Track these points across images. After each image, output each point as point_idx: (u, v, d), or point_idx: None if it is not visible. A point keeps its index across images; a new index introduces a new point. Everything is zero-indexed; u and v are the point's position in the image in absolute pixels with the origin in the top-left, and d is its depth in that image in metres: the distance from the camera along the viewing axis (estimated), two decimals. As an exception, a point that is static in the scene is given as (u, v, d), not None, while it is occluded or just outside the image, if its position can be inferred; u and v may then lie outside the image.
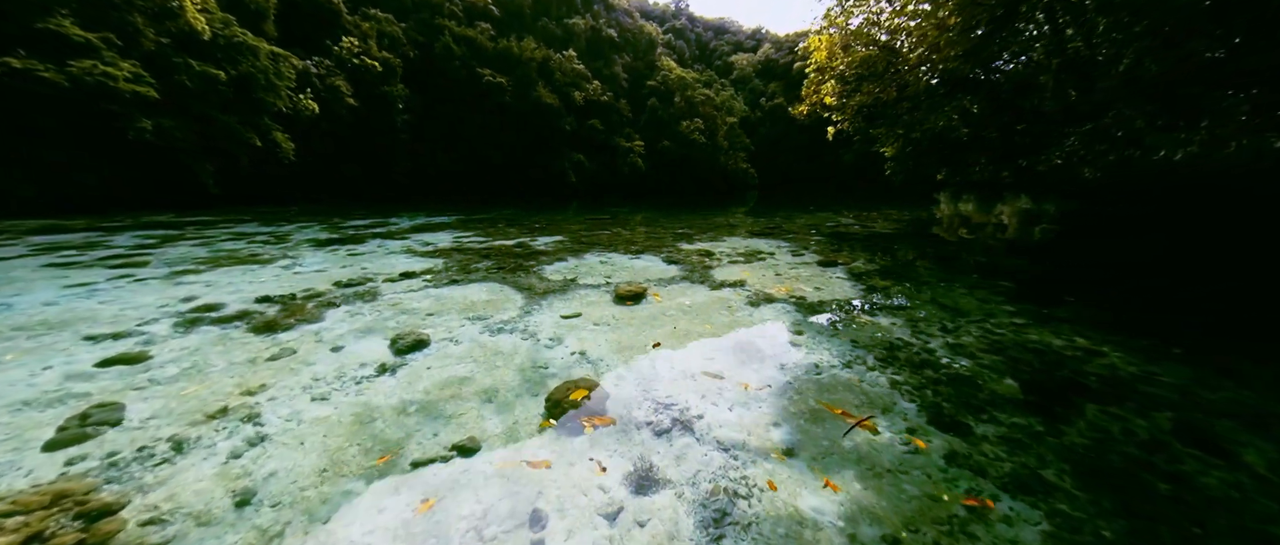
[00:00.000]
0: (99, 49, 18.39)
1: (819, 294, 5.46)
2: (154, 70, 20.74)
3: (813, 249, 8.46)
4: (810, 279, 6.22)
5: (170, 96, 21.32)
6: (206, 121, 23.22)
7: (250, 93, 26.92)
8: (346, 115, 35.48)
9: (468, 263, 7.08)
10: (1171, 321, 4.51)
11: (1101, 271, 6.49)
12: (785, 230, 11.35)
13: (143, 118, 19.52)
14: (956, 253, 8.09)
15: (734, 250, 8.42)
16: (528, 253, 7.98)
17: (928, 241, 9.35)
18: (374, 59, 37.85)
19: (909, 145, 13.24)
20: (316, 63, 33.80)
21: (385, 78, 38.67)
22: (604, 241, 9.39)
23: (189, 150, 22.12)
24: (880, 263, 7.27)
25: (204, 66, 22.28)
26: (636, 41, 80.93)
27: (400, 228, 12.08)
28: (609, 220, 14.47)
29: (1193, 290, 5.63)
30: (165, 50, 21.24)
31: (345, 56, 35.59)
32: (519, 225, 12.86)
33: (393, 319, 4.44)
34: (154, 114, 20.23)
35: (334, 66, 34.94)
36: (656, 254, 7.91)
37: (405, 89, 41.36)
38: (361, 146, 38.40)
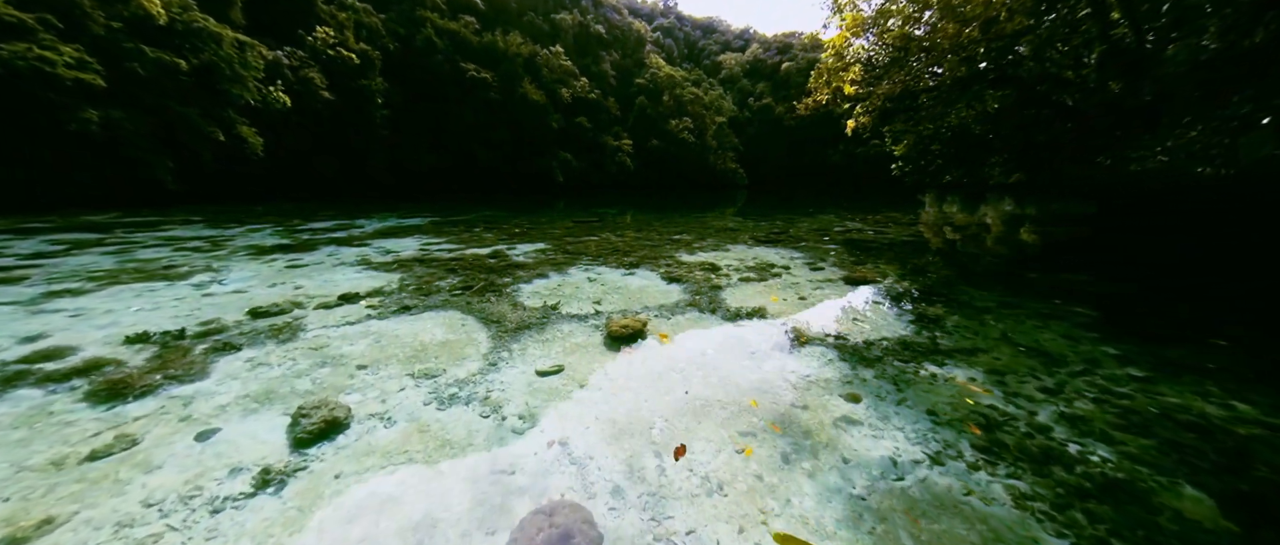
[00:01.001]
0: (35, 31, 16.72)
1: (860, 329, 4.38)
2: (103, 57, 19.07)
3: (832, 261, 7.41)
4: (843, 305, 5.15)
5: (120, 85, 19.65)
6: (163, 113, 21.54)
7: (214, 83, 25.25)
8: (322, 109, 33.81)
9: (429, 281, 5.88)
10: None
11: (1153, 278, 5.56)
12: (793, 237, 10.31)
13: (87, 108, 17.87)
14: (996, 266, 7.11)
15: (742, 263, 7.34)
16: (503, 265, 6.81)
17: (953, 249, 8.35)
18: (351, 51, 36.18)
19: (920, 143, 12.32)
20: (288, 53, 32.10)
21: (363, 71, 37.01)
22: (592, 250, 8.25)
23: (141, 144, 20.43)
24: (916, 280, 6.24)
25: (159, 53, 20.61)
26: (625, 38, 79.67)
27: (364, 231, 10.81)
28: (597, 223, 13.33)
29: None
30: (116, 35, 19.56)
31: (320, 47, 33.89)
32: (498, 228, 11.67)
33: (307, 375, 3.26)
34: (101, 104, 18.58)
35: (308, 58, 33.25)
36: (653, 267, 6.79)
37: (385, 83, 39.72)
38: (338, 142, 36.72)
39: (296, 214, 16.03)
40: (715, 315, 4.68)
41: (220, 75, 24.87)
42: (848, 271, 6.69)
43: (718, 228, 12.38)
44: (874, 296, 5.49)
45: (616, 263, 7.09)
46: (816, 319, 4.62)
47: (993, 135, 9.90)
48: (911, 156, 12.32)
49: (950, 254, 8.08)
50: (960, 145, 11.36)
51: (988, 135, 10.06)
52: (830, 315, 4.76)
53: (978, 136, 10.97)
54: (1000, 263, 7.26)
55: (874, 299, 5.38)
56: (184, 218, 14.13)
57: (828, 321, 4.56)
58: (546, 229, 11.79)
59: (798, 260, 7.66)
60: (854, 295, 5.55)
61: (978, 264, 7.22)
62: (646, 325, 4.22)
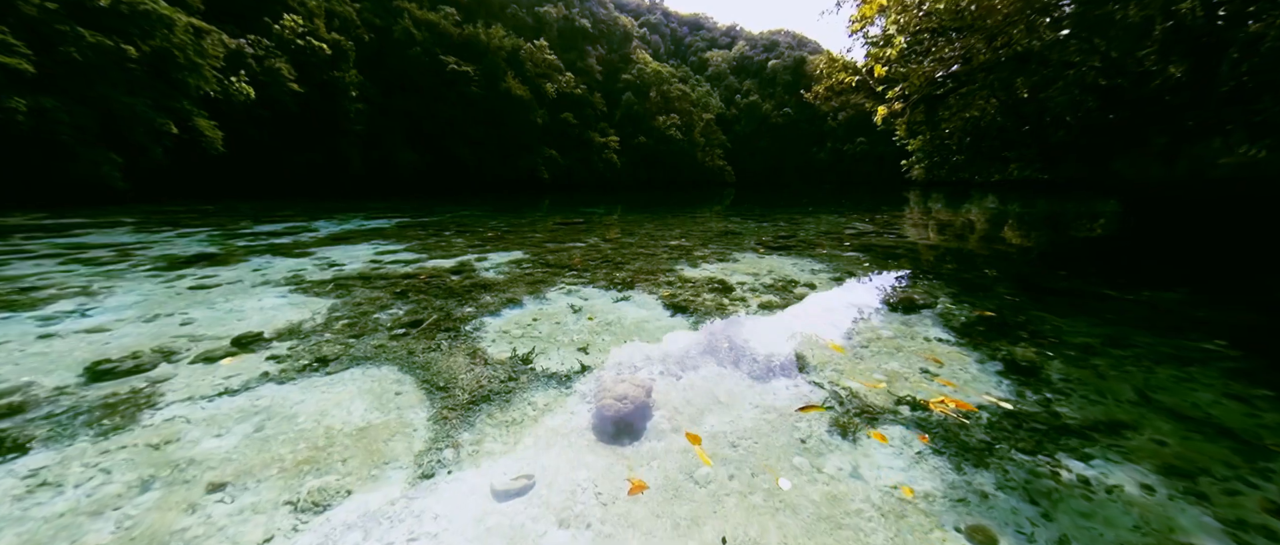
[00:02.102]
0: (-53, 9, 14.89)
1: (940, 388, 3.21)
2: (33, 40, 17.22)
3: (865, 278, 6.25)
4: (903, 348, 3.98)
5: (54, 72, 17.80)
6: (105, 104, 19.69)
7: (167, 72, 23.37)
8: (290, 102, 31.93)
9: (366, 312, 4.57)
10: None
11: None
12: (805, 242, 9.16)
13: (13, 96, 16.05)
14: (1052, 277, 6.02)
15: (757, 278, 6.14)
16: (467, 285, 5.52)
17: (984, 254, 7.28)
18: (322, 41, 34.31)
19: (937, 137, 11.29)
20: (253, 42, 30.19)
21: (335, 62, 35.15)
22: (578, 262, 6.99)
23: (78, 137, 18.59)
24: (975, 301, 5.10)
25: (100, 38, 18.77)
26: (611, 33, 78.16)
27: (315, 237, 9.40)
28: (583, 226, 12.05)
29: None
30: (49, 16, 17.69)
31: (288, 37, 32.00)
32: (472, 232, 10.34)
33: (114, 509, 1.97)
34: (30, 92, 16.75)
35: (274, 47, 31.35)
36: (652, 287, 5.56)
37: (359, 76, 37.83)
38: (309, 137, 34.81)
39: (250, 214, 14.46)
40: (741, 370, 3.46)
41: (173, 63, 23.01)
42: (887, 291, 5.53)
43: (717, 230, 11.19)
44: (936, 330, 4.33)
45: (606, 280, 5.84)
46: (875, 372, 3.44)
47: (1028, 126, 8.85)
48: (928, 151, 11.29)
49: (992, 260, 6.97)
50: (982, 139, 10.33)
51: (1022, 126, 9.01)
52: (891, 366, 3.58)
53: (1001, 129, 9.93)
54: (1046, 269, 6.17)
55: (938, 335, 4.22)
56: (115, 219, 12.52)
57: (892, 378, 3.38)
58: (526, 232, 10.48)
59: (821, 273, 6.49)
60: (912, 328, 4.39)
61: (1016, 268, 6.11)
62: (652, 393, 3.00)
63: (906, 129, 11.34)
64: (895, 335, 4.23)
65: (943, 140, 11.17)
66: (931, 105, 7.13)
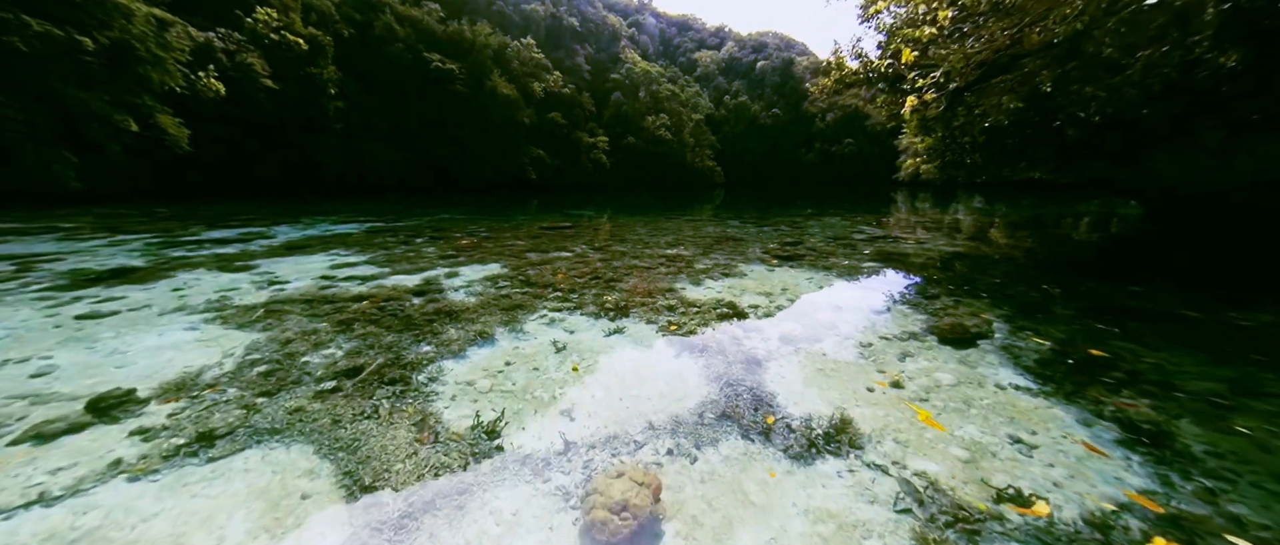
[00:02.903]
0: None
1: (1043, 472, 2.36)
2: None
3: (901, 299, 5.40)
4: (973, 401, 3.13)
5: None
6: (55, 99, 18.33)
7: (127, 65, 21.99)
8: (263, 99, 30.56)
9: (294, 354, 3.62)
10: None
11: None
12: (814, 251, 8.32)
13: (-55, 89, 14.69)
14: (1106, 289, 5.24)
15: (771, 300, 5.28)
16: (429, 313, 4.57)
17: (1017, 258, 6.49)
18: (298, 36, 32.93)
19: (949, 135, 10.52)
20: (223, 36, 28.79)
21: (312, 58, 33.77)
22: (562, 279, 6.07)
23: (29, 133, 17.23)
24: (1036, 328, 4.27)
25: (48, 27, 17.42)
26: (599, 32, 77.14)
27: (268, 246, 8.35)
28: (570, 230, 11.11)
29: None
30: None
31: (261, 31, 30.61)
32: (447, 238, 9.36)
33: None
34: (-34, 85, 15.40)
35: (246, 42, 29.96)
36: (650, 314, 4.66)
37: (338, 72, 36.45)
38: (284, 136, 33.40)
39: (208, 218, 13.30)
40: (774, 444, 2.57)
41: (134, 56, 21.63)
42: (928, 314, 4.69)
43: (716, 237, 10.32)
44: (1007, 372, 3.49)
45: (595, 303, 4.92)
46: (950, 444, 2.58)
47: (1059, 121, 8.08)
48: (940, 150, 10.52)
49: (1034, 270, 6.15)
50: (1001, 136, 9.56)
51: (1052, 121, 8.24)
52: (968, 433, 2.73)
53: (1022, 125, 9.17)
54: (1105, 281, 5.36)
55: (1011, 380, 3.38)
56: (52, 224, 11.31)
57: (975, 452, 2.52)
58: (507, 239, 9.51)
59: (844, 291, 5.64)
60: (974, 370, 3.54)
61: (1067, 279, 5.28)
62: (660, 495, 2.11)
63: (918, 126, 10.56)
64: (958, 380, 3.37)
65: (955, 138, 10.41)
66: (955, 97, 6.36)
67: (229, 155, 30.26)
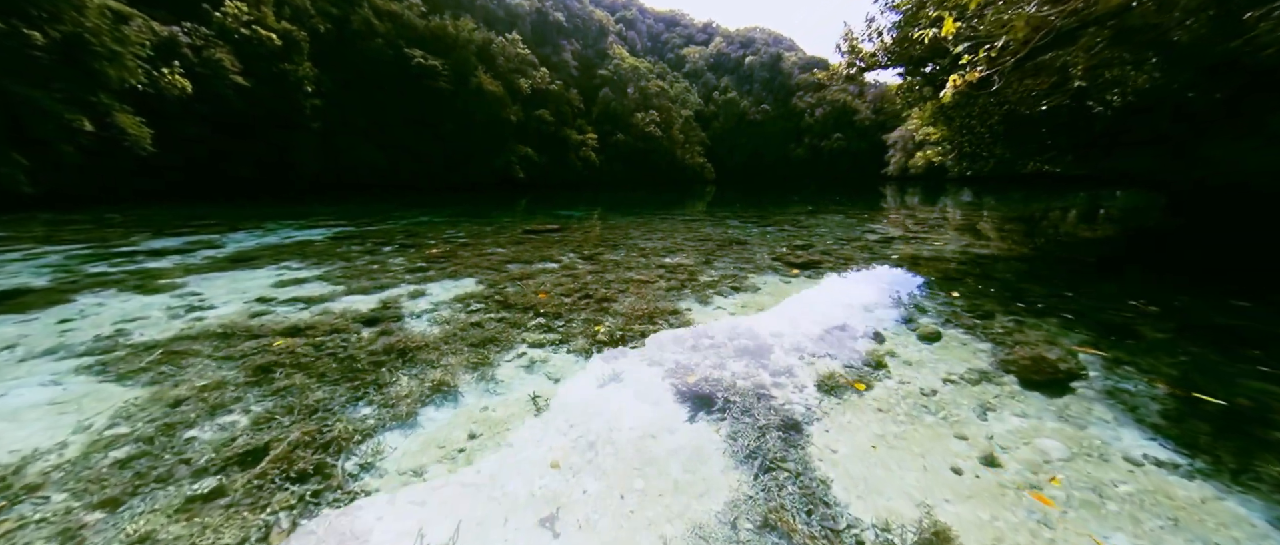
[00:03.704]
0: None
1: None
2: (-104, 19, 14.51)
3: (946, 318, 4.55)
4: (1107, 488, 2.30)
5: (-74, 58, 15.11)
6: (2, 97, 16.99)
7: (82, 61, 20.63)
8: (233, 97, 29.17)
9: (176, 424, 2.69)
10: None
11: None
12: (830, 255, 7.48)
13: None
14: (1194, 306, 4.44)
15: (796, 327, 4.42)
16: (377, 353, 3.64)
17: (1062, 258, 5.69)
18: (271, 30, 31.53)
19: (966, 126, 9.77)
20: (189, 30, 27.35)
21: (286, 53, 32.40)
22: (545, 298, 5.17)
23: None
24: (1145, 362, 3.46)
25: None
26: (586, 28, 75.87)
27: (210, 258, 7.31)
28: (557, 234, 10.17)
29: None
30: (-82, -8, 14.98)
31: (230, 25, 29.21)
32: (420, 245, 8.38)
33: None
34: (-109, 81, 14.07)
35: (215, 36, 28.54)
36: (654, 353, 3.78)
37: (314, 68, 35.05)
38: (257, 135, 32.00)
39: (161, 222, 12.14)
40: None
41: (89, 51, 20.26)
42: (997, 345, 3.85)
43: (718, 240, 9.43)
44: (1131, 437, 2.65)
45: (585, 336, 4.02)
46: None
47: (1100, 107, 7.31)
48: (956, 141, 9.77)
49: (1095, 276, 5.34)
50: (1024, 125, 8.81)
51: (1079, 107, 7.48)
52: None
53: (1051, 111, 8.40)
54: (1191, 293, 4.57)
55: (1145, 452, 2.54)
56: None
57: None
58: (487, 246, 8.56)
59: (879, 311, 4.79)
60: (1081, 434, 2.71)
61: (1140, 288, 4.48)
62: None
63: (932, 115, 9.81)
64: (1070, 451, 2.52)
65: (972, 129, 9.67)
66: (1015, 68, 5.55)
67: (199, 156, 28.84)
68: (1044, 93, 7.57)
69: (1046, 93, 7.61)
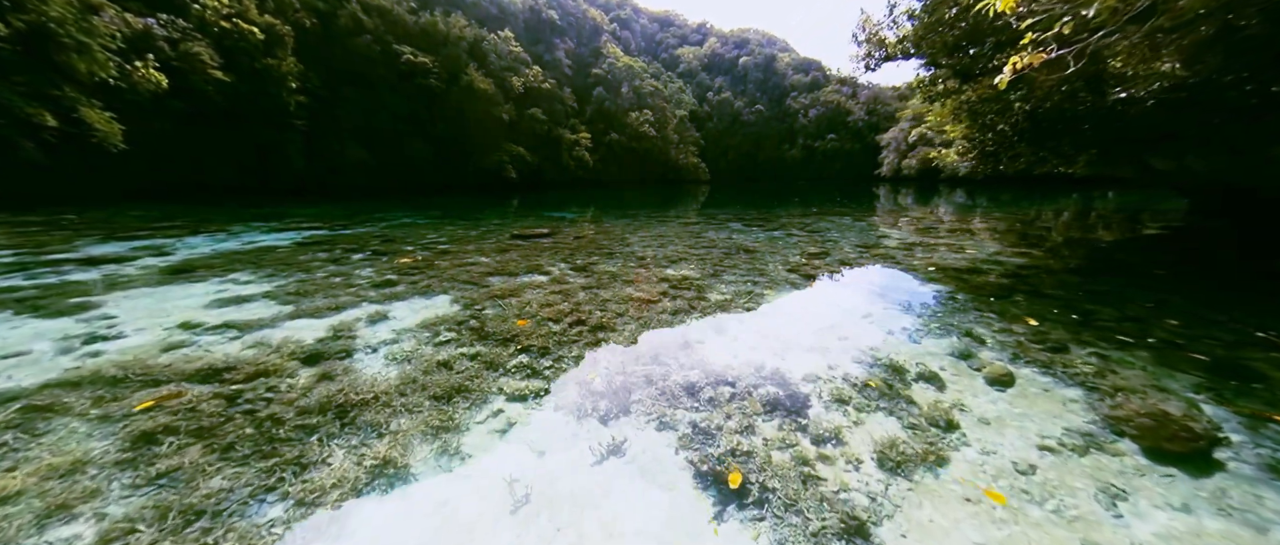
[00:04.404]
0: None
1: None
2: None
3: (1019, 355, 3.79)
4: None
5: None
6: (-49, 89, 15.92)
7: (47, 53, 19.57)
8: (213, 93, 28.06)
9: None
10: None
11: None
12: (846, 263, 6.73)
13: None
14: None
15: (832, 369, 3.66)
16: (309, 408, 2.84)
17: (1118, 263, 4.99)
18: (253, 24, 30.42)
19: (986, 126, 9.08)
20: (165, 22, 26.22)
21: (269, 48, 31.30)
22: (529, 324, 4.38)
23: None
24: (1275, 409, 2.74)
25: (-63, 6, 15.01)
26: (580, 26, 74.83)
27: (148, 268, 6.42)
28: (548, 240, 9.35)
29: None
30: None
31: (209, 18, 28.08)
32: (396, 251, 7.54)
33: None
34: None
35: (192, 29, 27.42)
36: (663, 410, 3.02)
37: (298, 64, 33.96)
38: (239, 133, 30.90)
39: (121, 224, 11.19)
40: None
41: (53, 42, 19.20)
42: (1096, 396, 3.10)
43: (724, 247, 8.65)
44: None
45: (578, 384, 3.24)
46: None
47: (1140, 103, 6.60)
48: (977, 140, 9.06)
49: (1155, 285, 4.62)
50: (1049, 122, 8.12)
51: (1107, 102, 6.78)
52: None
53: (1079, 108, 7.72)
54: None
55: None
56: (-93, 241, 9.15)
57: None
58: (469, 255, 7.74)
59: (926, 338, 4.04)
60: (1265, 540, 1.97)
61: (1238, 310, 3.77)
62: None
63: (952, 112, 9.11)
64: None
65: (991, 125, 8.97)
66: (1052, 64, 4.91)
67: (176, 153, 27.73)
68: (1077, 86, 6.87)
69: (1080, 86, 6.91)
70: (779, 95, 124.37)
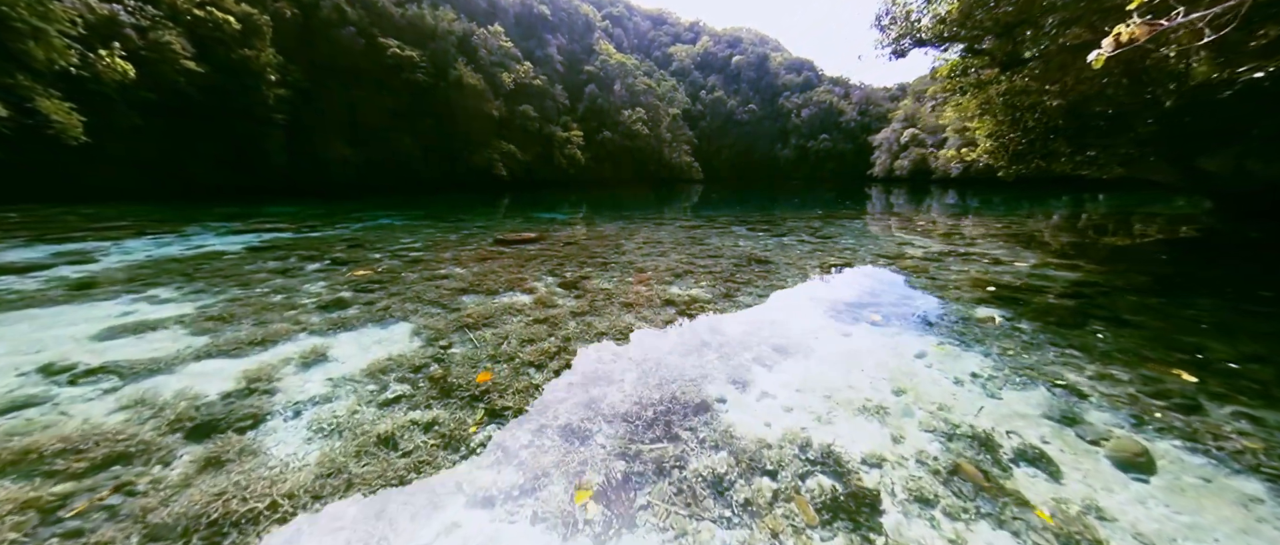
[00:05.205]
0: None
1: None
2: None
3: (1145, 419, 2.93)
4: None
5: None
6: (-115, 76, 14.66)
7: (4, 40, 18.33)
8: (185, 84, 26.75)
9: None
10: None
11: None
12: (879, 278, 5.89)
13: None
14: None
15: (902, 442, 2.80)
16: (162, 524, 1.92)
17: (1198, 286, 4.23)
18: (229, 13, 29.12)
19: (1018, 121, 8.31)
20: (133, 9, 24.90)
21: (246, 39, 29.98)
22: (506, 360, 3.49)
23: None
24: None
25: None
26: (572, 22, 73.60)
27: (47, 281, 5.42)
28: (535, 245, 8.42)
29: None
30: None
31: (181, 5, 26.77)
32: (362, 261, 6.58)
33: None
34: None
35: (163, 17, 26.11)
36: (689, 538, 2.13)
37: (278, 56, 32.64)
38: (214, 128, 29.59)
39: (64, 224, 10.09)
40: None
41: (7, 27, 17.90)
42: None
43: (733, 256, 7.76)
44: None
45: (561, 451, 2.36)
46: None
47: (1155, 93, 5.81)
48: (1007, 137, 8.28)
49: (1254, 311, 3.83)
50: (1084, 117, 7.35)
51: (1146, 97, 6.00)
52: None
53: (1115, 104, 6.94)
54: None
55: None
56: None
57: None
58: (445, 263, 6.80)
59: (1027, 407, 3.20)
60: None
61: None
62: None
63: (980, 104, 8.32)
64: None
65: (1019, 120, 8.19)
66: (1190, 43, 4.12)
67: (148, 148, 26.40)
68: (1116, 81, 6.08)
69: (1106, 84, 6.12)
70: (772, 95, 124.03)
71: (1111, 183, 38.94)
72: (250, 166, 32.05)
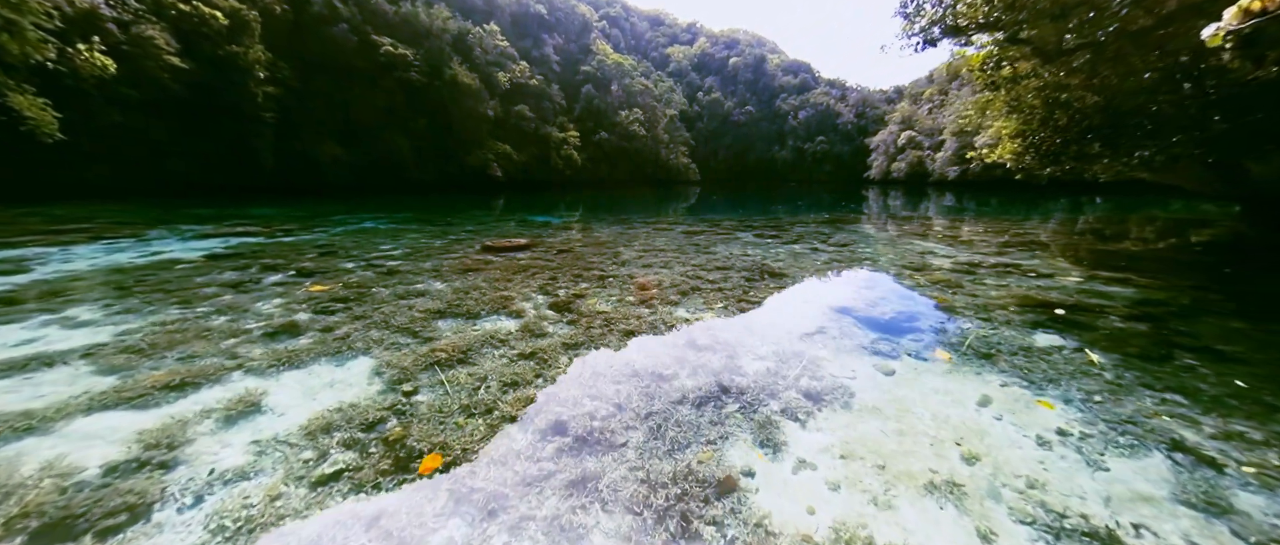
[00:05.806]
0: None
1: None
2: None
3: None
4: None
5: None
6: None
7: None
8: (169, 81, 25.94)
9: None
10: None
11: None
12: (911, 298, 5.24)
13: None
14: None
15: None
16: None
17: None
18: (215, 8, 28.30)
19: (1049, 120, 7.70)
20: (113, 3, 24.06)
21: (233, 35, 29.17)
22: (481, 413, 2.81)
23: None
24: None
25: None
26: (569, 22, 72.89)
27: None
28: (526, 253, 7.73)
29: None
30: None
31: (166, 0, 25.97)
32: (331, 272, 5.89)
33: None
34: None
35: (145, 11, 25.29)
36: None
37: (267, 53, 31.82)
38: (201, 125, 28.77)
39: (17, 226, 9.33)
40: None
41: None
42: None
43: (743, 268, 7.08)
44: None
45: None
46: None
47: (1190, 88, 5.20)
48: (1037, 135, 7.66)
49: None
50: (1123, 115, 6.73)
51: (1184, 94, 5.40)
52: None
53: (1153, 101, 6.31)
54: None
55: None
56: None
57: None
58: (422, 277, 6.11)
59: (1128, 466, 2.54)
60: None
61: None
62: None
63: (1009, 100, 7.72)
64: None
65: (1050, 118, 7.57)
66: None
67: (131, 146, 25.56)
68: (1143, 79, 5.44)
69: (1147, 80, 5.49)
70: (769, 96, 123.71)
71: (1106, 185, 38.47)
72: (238, 165, 31.22)
